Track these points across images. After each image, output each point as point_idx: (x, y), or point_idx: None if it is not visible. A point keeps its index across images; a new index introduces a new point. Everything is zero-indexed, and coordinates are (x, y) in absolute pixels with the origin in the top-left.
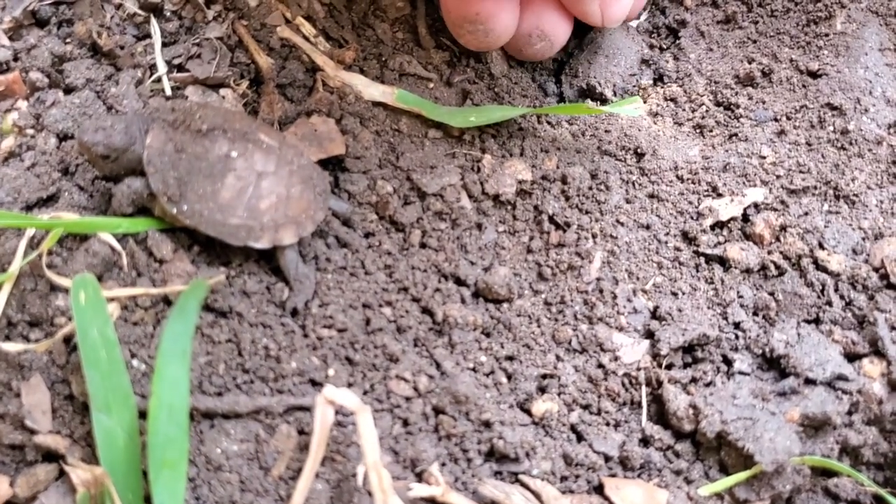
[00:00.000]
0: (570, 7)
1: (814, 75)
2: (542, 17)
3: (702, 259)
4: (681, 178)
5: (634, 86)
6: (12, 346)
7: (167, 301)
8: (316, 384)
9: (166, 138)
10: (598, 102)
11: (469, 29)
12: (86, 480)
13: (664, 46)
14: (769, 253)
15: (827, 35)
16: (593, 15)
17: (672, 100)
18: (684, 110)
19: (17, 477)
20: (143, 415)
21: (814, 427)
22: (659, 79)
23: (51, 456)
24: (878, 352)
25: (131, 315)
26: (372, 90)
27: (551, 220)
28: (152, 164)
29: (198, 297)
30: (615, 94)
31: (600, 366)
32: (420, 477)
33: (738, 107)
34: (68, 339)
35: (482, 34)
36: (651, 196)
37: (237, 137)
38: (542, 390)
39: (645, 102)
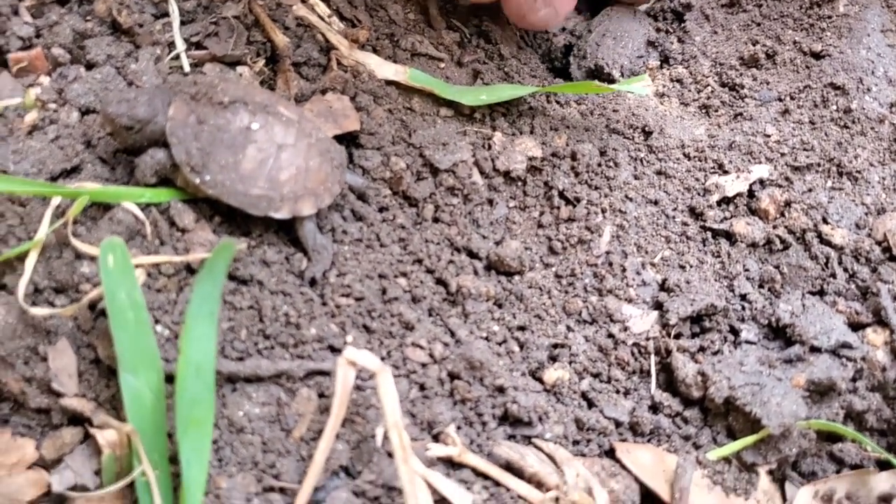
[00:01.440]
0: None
1: (817, 56)
2: None
3: (709, 233)
4: (688, 156)
5: (641, 67)
6: (39, 311)
7: (190, 269)
8: (335, 350)
9: (189, 110)
10: (606, 83)
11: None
12: (111, 442)
13: (670, 30)
14: (774, 227)
15: (830, 17)
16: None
17: (678, 81)
18: (690, 91)
19: (42, 440)
20: (167, 378)
21: (819, 392)
22: (665, 61)
23: (76, 420)
24: (881, 321)
25: (155, 282)
26: (385, 69)
27: (561, 195)
28: (175, 135)
29: (225, 259)
30: (622, 75)
31: (610, 336)
32: (437, 438)
33: (742, 87)
34: (93, 306)
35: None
36: (659, 173)
37: (258, 110)
38: (553, 359)
39: (652, 83)
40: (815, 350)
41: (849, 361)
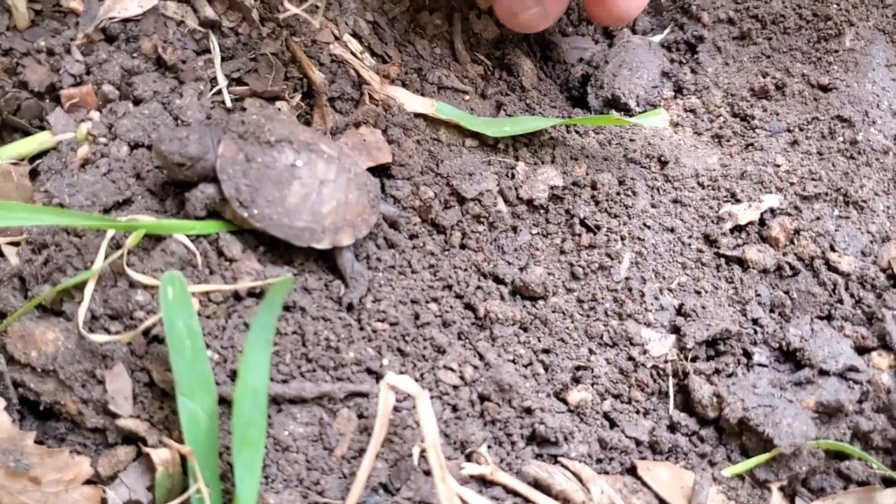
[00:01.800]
0: None
1: (824, 89)
2: None
3: (722, 260)
4: (702, 185)
5: (656, 97)
6: (98, 338)
7: (237, 296)
8: (372, 372)
9: (237, 148)
10: (623, 112)
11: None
12: (165, 460)
13: (683, 60)
14: (784, 254)
15: (836, 51)
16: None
17: (691, 111)
18: (703, 121)
19: (98, 458)
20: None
21: (828, 414)
22: (679, 91)
23: (129, 439)
24: (886, 346)
25: (205, 309)
26: (413, 102)
27: (582, 223)
28: (225, 171)
29: (283, 292)
30: (638, 105)
31: (630, 358)
32: (469, 457)
33: (753, 118)
34: (146, 331)
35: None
36: (675, 201)
37: (302, 148)
38: (576, 381)
39: (667, 114)
40: (823, 373)
41: (855, 384)
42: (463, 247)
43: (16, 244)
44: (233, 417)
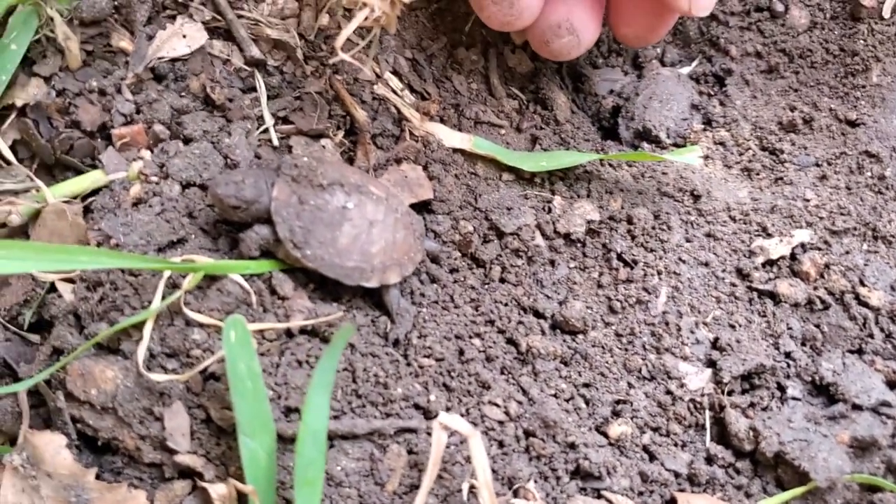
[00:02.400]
0: None
1: (852, 124)
2: (574, 11)
3: (755, 294)
4: (733, 219)
5: (686, 129)
6: (158, 377)
7: (289, 333)
8: (419, 408)
9: (291, 191)
10: (654, 144)
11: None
12: (222, 496)
13: (712, 93)
14: (815, 289)
15: (864, 86)
16: (682, 4)
17: (721, 144)
18: (733, 154)
19: (154, 492)
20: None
21: (862, 448)
22: (708, 123)
23: (185, 473)
24: None
25: (259, 347)
26: (452, 138)
27: (619, 257)
28: (279, 214)
29: (346, 338)
30: (668, 137)
31: (668, 392)
32: (517, 493)
33: (782, 152)
34: (203, 370)
35: (507, 6)
36: (708, 235)
37: (352, 190)
38: (616, 415)
39: (695, 145)
40: (856, 408)
41: (888, 419)
42: (503, 280)
43: (70, 281)
44: (295, 458)
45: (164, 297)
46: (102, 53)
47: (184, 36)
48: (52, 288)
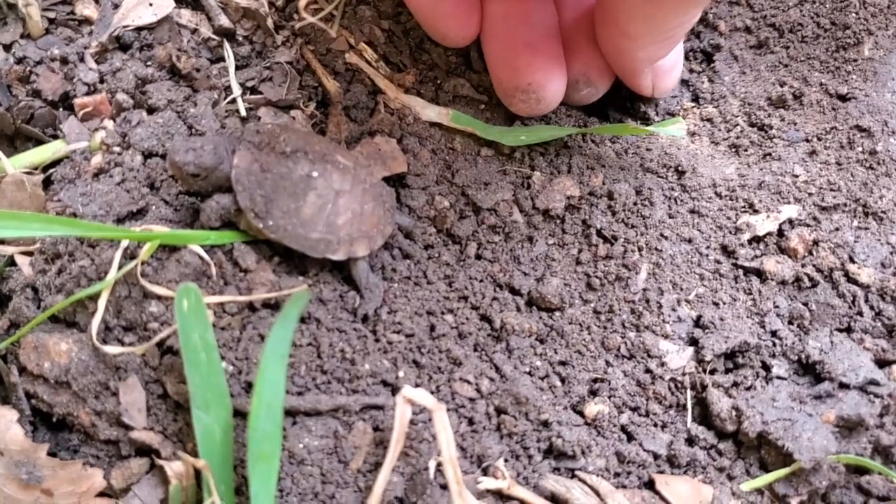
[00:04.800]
0: (624, 79)
1: (843, 98)
2: (591, 66)
3: (740, 271)
4: (719, 195)
5: (675, 106)
6: (112, 349)
7: (251, 307)
8: (387, 385)
9: (252, 159)
10: (641, 121)
11: (521, 98)
12: (179, 473)
13: (700, 69)
14: (803, 266)
15: (855, 60)
16: (646, 88)
17: (708, 120)
18: (720, 130)
19: (111, 470)
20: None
21: (848, 428)
22: (696, 100)
23: (142, 451)
24: None
25: (220, 320)
26: (428, 111)
27: (599, 233)
28: (240, 182)
29: (300, 306)
30: (656, 114)
31: (648, 371)
32: (486, 472)
33: (771, 128)
34: (160, 343)
35: (534, 102)
36: (692, 212)
37: (317, 159)
38: (593, 393)
39: (684, 123)
40: (843, 386)
41: (876, 398)
42: (479, 257)
43: (29, 254)
44: (248, 431)
45: (120, 269)
46: (65, 21)
47: (150, 4)
48: (12, 262)
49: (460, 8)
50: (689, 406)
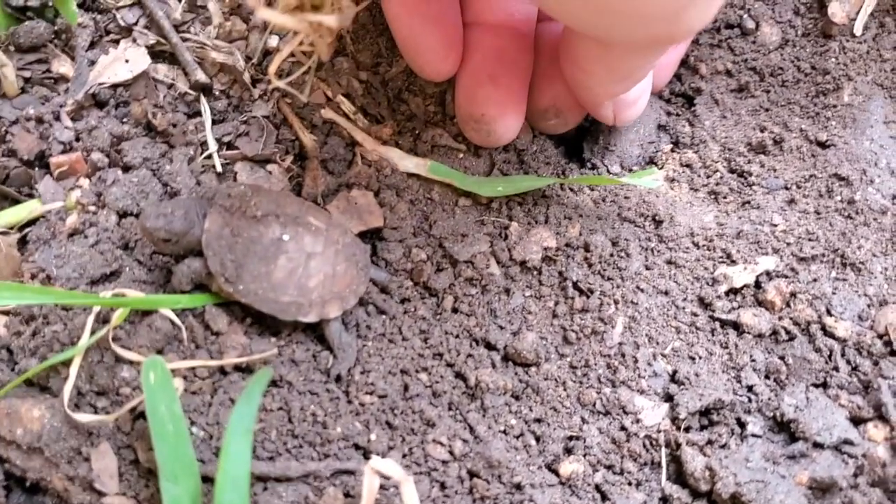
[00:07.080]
0: (586, 108)
1: (822, 145)
2: (560, 97)
3: (717, 324)
4: (697, 245)
5: (654, 151)
6: (83, 417)
7: (222, 371)
8: (359, 448)
9: (223, 223)
10: (619, 167)
11: (474, 127)
12: None
13: (680, 113)
14: (780, 319)
15: (835, 106)
16: (607, 118)
17: (688, 166)
18: (699, 176)
19: None
20: (204, 479)
21: (821, 489)
22: (675, 144)
23: None
24: (881, 416)
25: (190, 385)
26: (406, 162)
27: (575, 286)
28: (211, 247)
29: (263, 383)
30: (633, 160)
31: (623, 428)
32: None
33: (750, 174)
34: (132, 408)
35: (485, 133)
36: (669, 262)
37: (289, 222)
38: (568, 451)
39: (661, 168)
40: (817, 446)
41: (850, 458)
42: (455, 311)
43: (5, 313)
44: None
45: (93, 333)
46: (41, 80)
47: (126, 60)
48: None
49: (442, 43)
50: (663, 464)
